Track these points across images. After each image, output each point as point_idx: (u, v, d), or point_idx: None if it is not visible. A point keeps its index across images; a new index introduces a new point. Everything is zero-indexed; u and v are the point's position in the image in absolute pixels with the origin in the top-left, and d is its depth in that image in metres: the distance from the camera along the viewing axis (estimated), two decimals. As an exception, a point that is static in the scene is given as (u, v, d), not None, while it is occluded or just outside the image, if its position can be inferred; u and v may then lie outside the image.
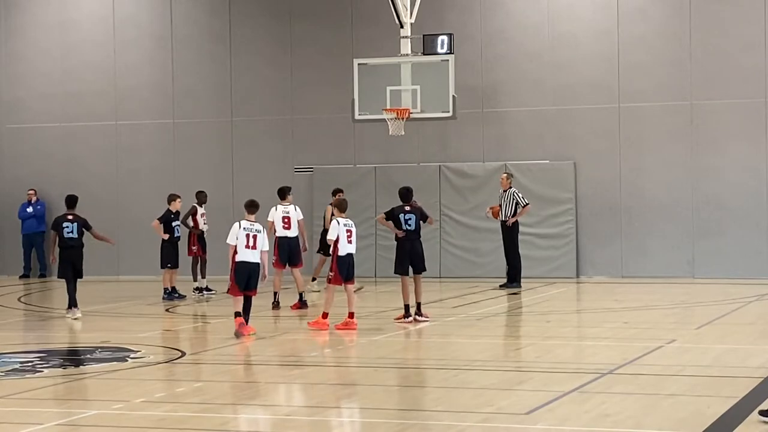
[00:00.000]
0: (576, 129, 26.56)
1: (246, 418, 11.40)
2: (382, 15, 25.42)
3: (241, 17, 28.68)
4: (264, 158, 28.41)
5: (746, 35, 25.51)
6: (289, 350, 16.63)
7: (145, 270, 27.76)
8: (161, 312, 21.49)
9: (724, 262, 24.68)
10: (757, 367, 13.68)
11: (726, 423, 10.63)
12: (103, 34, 29.52)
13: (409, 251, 18.60)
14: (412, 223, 18.58)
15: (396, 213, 18.67)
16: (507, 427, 10.70)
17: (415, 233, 18.66)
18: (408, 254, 18.60)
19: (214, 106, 28.87)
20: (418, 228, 18.69)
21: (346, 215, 18.12)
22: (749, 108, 25.47)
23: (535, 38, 26.79)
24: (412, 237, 18.64)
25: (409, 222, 18.60)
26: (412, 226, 18.60)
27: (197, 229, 23.98)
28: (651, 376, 13.41)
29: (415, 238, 18.68)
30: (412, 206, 18.74)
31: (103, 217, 29.32)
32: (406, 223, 18.58)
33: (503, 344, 17.04)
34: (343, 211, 18.10)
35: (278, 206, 21.06)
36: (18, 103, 30.17)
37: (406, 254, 18.62)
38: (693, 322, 18.16)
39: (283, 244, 20.94)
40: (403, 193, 18.86)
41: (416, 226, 18.65)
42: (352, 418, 11.41)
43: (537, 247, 26.23)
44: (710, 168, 25.55)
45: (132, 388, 13.02)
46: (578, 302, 22.82)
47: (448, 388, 13.17)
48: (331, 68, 27.49)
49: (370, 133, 26.79)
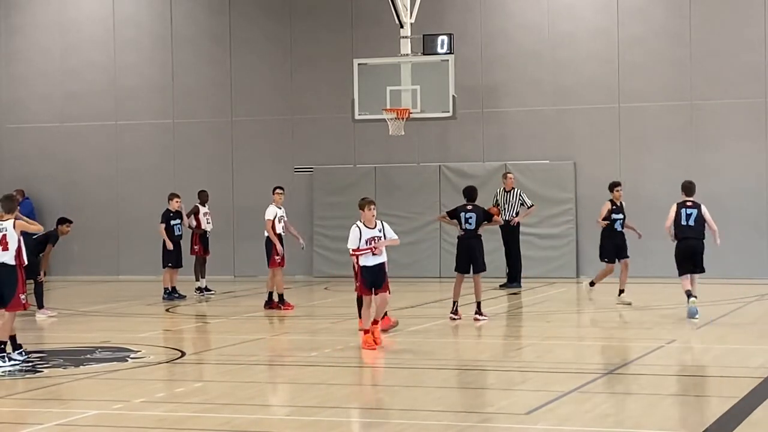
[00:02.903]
0: (576, 129, 26.56)
1: (246, 418, 11.39)
2: (382, 15, 25.41)
3: (241, 17, 28.68)
4: (264, 158, 28.40)
5: (746, 35, 25.51)
6: (289, 350, 16.63)
7: (145, 270, 27.75)
8: (161, 312, 21.48)
9: (724, 262, 24.66)
10: (757, 367, 13.68)
11: (726, 423, 10.63)
12: (103, 34, 29.51)
13: (467, 250, 18.74)
14: (472, 222, 18.75)
15: (458, 212, 18.83)
16: (507, 427, 10.70)
17: (474, 232, 18.80)
18: (467, 253, 18.74)
19: (213, 106, 28.87)
20: (478, 227, 18.80)
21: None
22: (749, 108, 25.47)
23: (535, 38, 26.79)
24: (471, 236, 18.76)
25: (470, 221, 18.76)
26: (473, 225, 18.76)
27: (200, 229, 24.01)
28: (651, 376, 13.41)
29: (473, 237, 18.79)
30: (474, 206, 18.90)
31: (103, 217, 29.40)
32: (467, 221, 18.74)
33: (503, 344, 17.04)
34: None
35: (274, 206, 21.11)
36: (18, 103, 30.16)
37: (464, 253, 18.77)
38: (693, 322, 18.15)
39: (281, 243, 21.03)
40: (467, 192, 19.03)
41: (476, 225, 18.77)
42: (352, 418, 11.40)
43: (537, 247, 26.23)
44: (710, 168, 25.54)
45: (132, 388, 13.02)
46: (578, 302, 22.82)
47: (448, 388, 13.17)
48: (331, 68, 27.48)
49: (370, 133, 26.78)
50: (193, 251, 24.15)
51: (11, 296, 14.70)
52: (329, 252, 27.60)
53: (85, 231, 29.21)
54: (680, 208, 19.04)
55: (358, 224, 15.86)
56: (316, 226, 27.55)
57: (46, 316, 20.23)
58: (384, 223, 15.88)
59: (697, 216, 18.88)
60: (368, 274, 15.76)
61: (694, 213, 18.90)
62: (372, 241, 15.64)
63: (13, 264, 14.74)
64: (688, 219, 18.92)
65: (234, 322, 19.97)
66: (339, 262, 27.63)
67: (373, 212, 15.78)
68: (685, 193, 19.16)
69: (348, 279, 26.96)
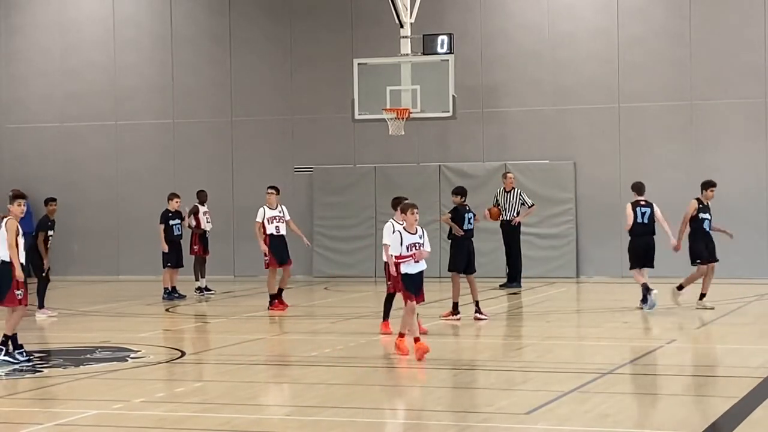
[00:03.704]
0: (576, 129, 26.57)
1: (246, 418, 11.39)
2: (382, 15, 25.42)
3: (241, 17, 28.67)
4: (264, 158, 28.40)
5: (746, 35, 25.51)
6: (289, 350, 16.63)
7: (145, 270, 27.75)
8: (161, 312, 21.48)
9: (724, 262, 24.61)
10: (757, 367, 13.68)
11: (726, 423, 10.63)
12: (103, 34, 29.51)
13: (469, 250, 18.87)
14: (472, 221, 19.02)
15: (461, 212, 18.95)
16: (507, 427, 10.69)
17: (472, 232, 19.05)
18: (466, 253, 18.85)
19: (213, 106, 28.87)
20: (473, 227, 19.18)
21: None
22: (749, 108, 25.47)
23: (535, 38, 26.79)
24: (471, 236, 18.97)
25: (471, 221, 18.98)
26: (472, 224, 19.02)
27: (199, 229, 24.02)
28: (651, 376, 13.41)
29: (472, 237, 19.03)
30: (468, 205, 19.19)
31: (103, 217, 29.41)
32: (469, 222, 18.93)
33: (503, 344, 17.04)
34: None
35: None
36: (18, 103, 30.16)
37: (464, 253, 18.85)
38: (693, 322, 18.16)
39: None
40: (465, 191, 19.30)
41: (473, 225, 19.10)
42: (353, 418, 11.40)
43: (537, 247, 26.23)
44: (710, 168, 25.51)
45: (132, 388, 13.01)
46: (578, 302, 22.82)
47: (448, 388, 13.17)
48: (331, 68, 27.48)
49: (370, 133, 26.78)
50: (192, 251, 24.15)
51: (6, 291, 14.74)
52: (329, 252, 27.61)
53: (85, 231, 29.27)
54: (635, 207, 20.06)
55: (397, 228, 15.07)
56: (315, 226, 27.54)
57: (46, 316, 20.23)
58: (424, 230, 14.97)
59: (650, 214, 20.01)
60: (410, 282, 14.86)
61: (648, 211, 20.06)
62: (412, 248, 14.73)
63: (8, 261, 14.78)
64: (643, 217, 20.06)
65: (234, 322, 19.96)
66: (339, 262, 27.67)
67: (416, 216, 14.85)
68: (637, 193, 20.24)
69: (348, 279, 27.06)
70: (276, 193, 21.13)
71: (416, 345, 14.63)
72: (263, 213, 20.86)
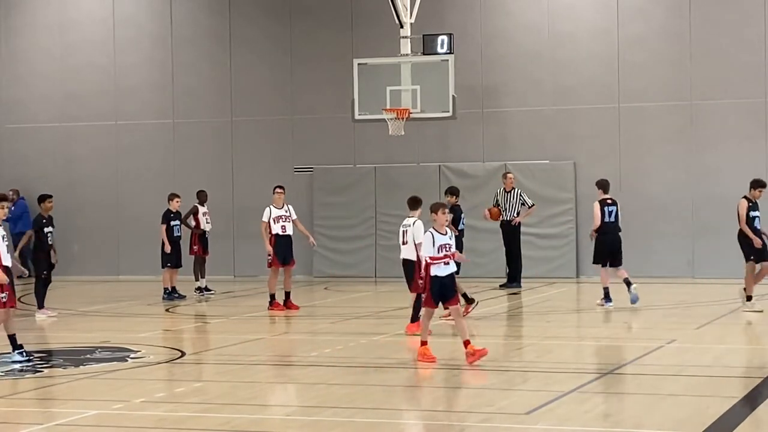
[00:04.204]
0: (576, 129, 26.56)
1: (246, 418, 11.39)
2: (382, 15, 25.41)
3: (241, 17, 28.67)
4: (264, 158, 28.40)
5: (746, 35, 25.50)
6: (289, 350, 16.63)
7: (145, 270, 27.76)
8: (161, 312, 21.48)
9: (724, 262, 24.61)
10: (757, 367, 13.68)
11: (726, 423, 10.63)
12: (103, 34, 29.51)
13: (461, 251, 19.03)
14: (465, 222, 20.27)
15: (458, 213, 19.63)
16: (507, 427, 10.69)
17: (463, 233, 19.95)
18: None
19: (213, 106, 28.87)
20: None
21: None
22: (749, 108, 25.47)
23: (535, 38, 26.79)
24: (462, 236, 19.71)
25: (464, 221, 20.30)
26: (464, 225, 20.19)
27: (199, 229, 24.03)
28: (651, 376, 13.41)
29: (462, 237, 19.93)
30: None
31: (103, 217, 29.41)
32: (462, 222, 19.98)
33: (503, 344, 17.03)
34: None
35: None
36: (18, 103, 30.16)
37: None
38: (693, 322, 18.16)
39: None
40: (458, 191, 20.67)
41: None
42: (352, 418, 11.40)
43: (537, 247, 26.22)
44: (710, 168, 25.54)
45: (132, 388, 13.02)
46: (578, 302, 22.82)
47: (448, 388, 13.17)
48: (331, 68, 27.48)
49: (370, 133, 26.78)
50: (192, 251, 24.15)
51: None
52: (329, 252, 27.60)
53: (85, 231, 29.28)
54: (603, 206, 20.37)
55: (429, 229, 14.58)
56: (316, 226, 27.52)
57: (46, 316, 20.23)
58: (451, 231, 14.66)
59: (616, 212, 20.34)
60: (438, 285, 14.38)
61: (614, 209, 20.37)
62: (443, 249, 14.35)
63: None
64: (610, 215, 20.38)
65: (234, 322, 19.97)
66: (339, 262, 27.67)
67: (447, 216, 14.64)
68: (603, 191, 20.51)
69: (348, 279, 27.07)
70: (283, 192, 21.22)
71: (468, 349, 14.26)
72: (269, 212, 20.89)
